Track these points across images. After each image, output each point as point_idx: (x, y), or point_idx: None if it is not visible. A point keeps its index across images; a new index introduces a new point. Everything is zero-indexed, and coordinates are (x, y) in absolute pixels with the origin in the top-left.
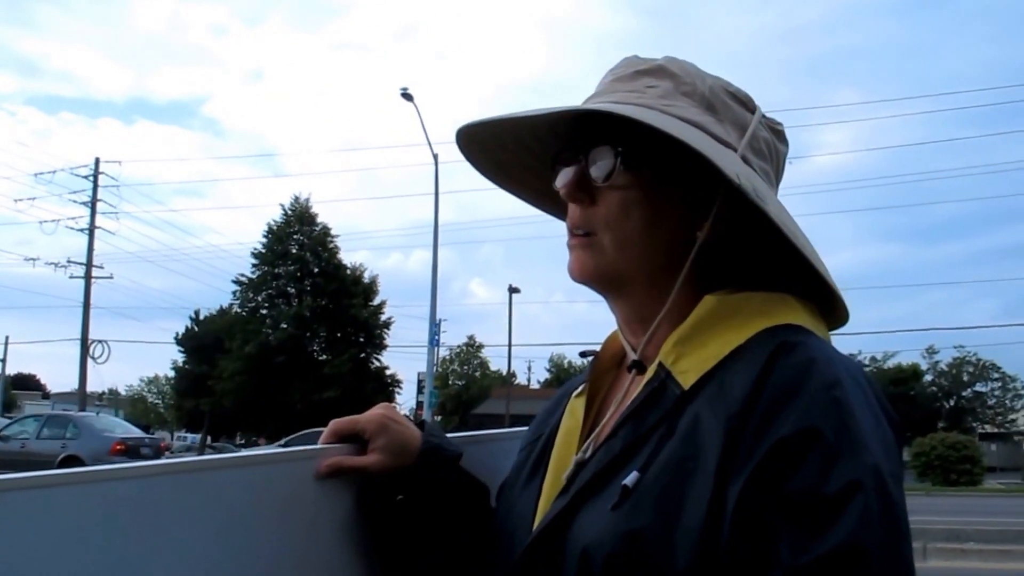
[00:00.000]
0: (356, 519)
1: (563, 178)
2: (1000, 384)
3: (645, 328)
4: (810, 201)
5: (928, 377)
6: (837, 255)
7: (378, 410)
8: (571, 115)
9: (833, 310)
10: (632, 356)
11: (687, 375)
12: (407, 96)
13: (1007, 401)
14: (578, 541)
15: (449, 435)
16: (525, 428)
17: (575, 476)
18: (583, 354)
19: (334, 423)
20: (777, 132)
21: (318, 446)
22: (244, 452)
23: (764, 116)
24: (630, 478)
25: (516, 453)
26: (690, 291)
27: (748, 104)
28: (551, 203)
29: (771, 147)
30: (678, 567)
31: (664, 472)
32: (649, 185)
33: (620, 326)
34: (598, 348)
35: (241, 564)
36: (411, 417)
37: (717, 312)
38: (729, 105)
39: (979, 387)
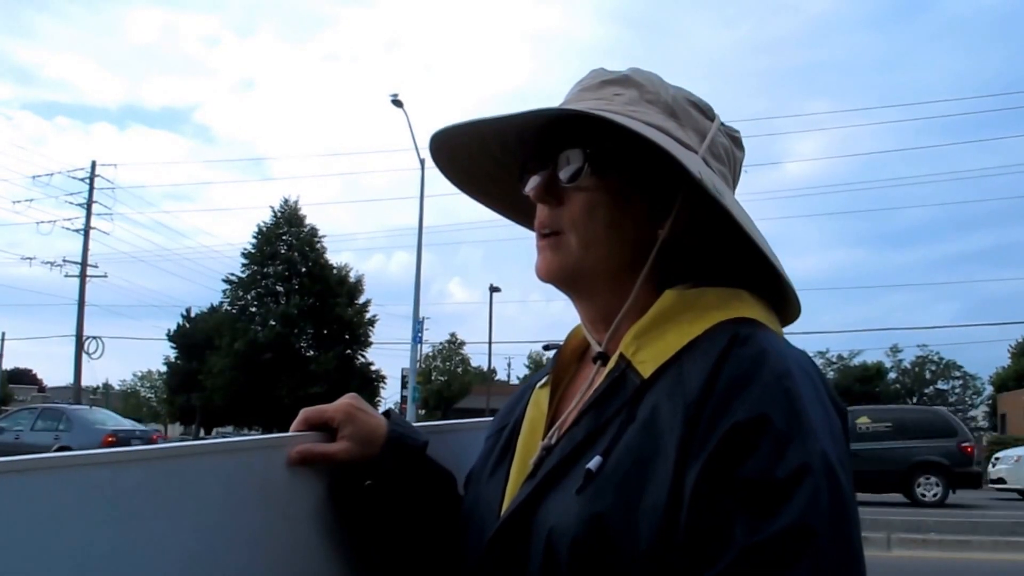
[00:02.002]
0: (326, 505)
1: (532, 181)
2: (961, 382)
3: (608, 324)
4: (782, 206)
5: (892, 375)
6: (807, 258)
7: (346, 400)
8: (539, 122)
9: (787, 304)
10: (596, 348)
11: (646, 365)
12: (397, 103)
13: (967, 399)
14: (545, 524)
15: (415, 424)
16: (490, 419)
17: (541, 462)
18: (546, 347)
19: (304, 412)
20: (734, 139)
21: (288, 434)
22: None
23: (722, 124)
24: (593, 463)
25: (482, 443)
26: (652, 287)
27: (708, 113)
28: (513, 210)
29: (729, 152)
30: (640, 547)
31: (625, 457)
32: (614, 186)
33: (584, 323)
34: (561, 342)
35: (214, 549)
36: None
37: (675, 306)
38: (690, 113)
39: (941, 385)
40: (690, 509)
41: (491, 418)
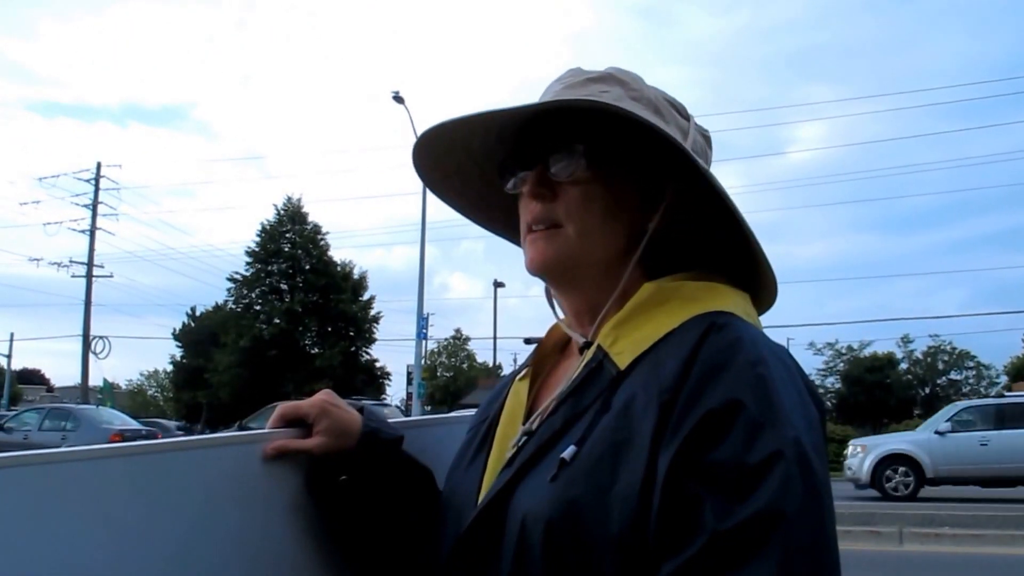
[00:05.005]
0: (303, 499)
1: (520, 178)
2: (975, 372)
3: (595, 316)
4: (787, 195)
5: (903, 365)
6: (812, 247)
7: (320, 396)
8: (521, 120)
9: (766, 292)
10: (581, 340)
11: (623, 356)
12: (398, 99)
13: (981, 389)
14: (519, 510)
15: (393, 420)
16: (468, 412)
17: (520, 448)
18: (527, 341)
19: (280, 408)
20: (707, 138)
21: (265, 430)
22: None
23: (696, 123)
24: (567, 451)
25: (459, 437)
26: (641, 279)
27: (683, 112)
28: (477, 212)
29: (703, 151)
30: (612, 533)
31: (599, 445)
32: (608, 179)
33: (569, 315)
34: (542, 337)
35: (194, 542)
36: (401, 408)
37: (653, 299)
38: (671, 111)
39: (954, 375)
40: (662, 494)
41: (470, 411)
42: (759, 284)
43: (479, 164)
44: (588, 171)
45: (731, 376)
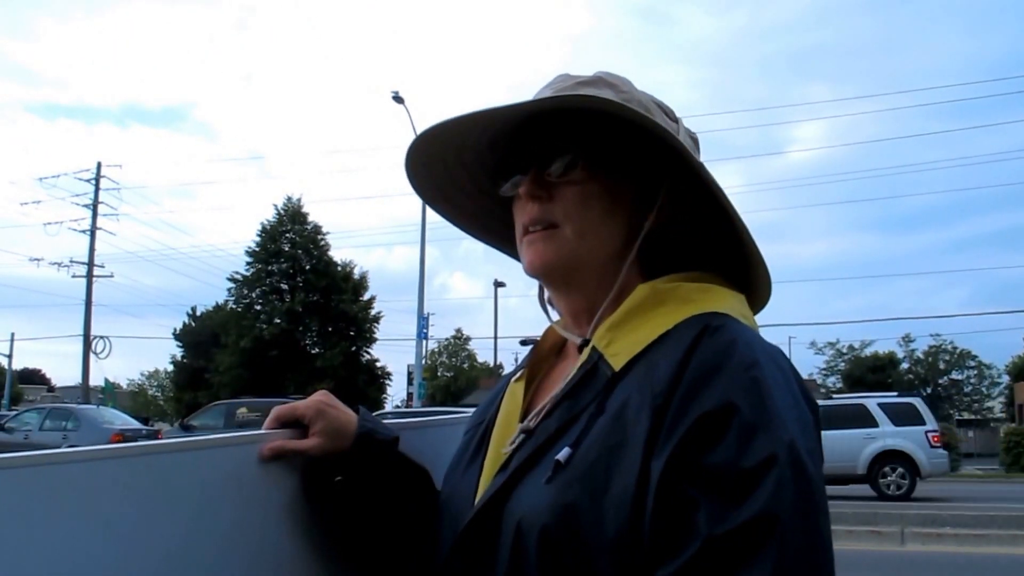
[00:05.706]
0: (299, 501)
1: (518, 180)
2: (976, 372)
3: (593, 317)
4: (787, 195)
5: (905, 365)
6: (813, 246)
7: (316, 396)
8: (515, 123)
9: (760, 289)
10: (577, 340)
11: (618, 358)
12: (398, 99)
13: (983, 388)
14: (514, 514)
15: (389, 421)
16: (464, 413)
17: (516, 448)
18: (524, 342)
19: (276, 410)
20: (695, 140)
21: (261, 431)
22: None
23: (684, 126)
24: (562, 454)
25: (457, 438)
26: (640, 279)
27: (671, 115)
28: (471, 221)
29: (692, 153)
30: (607, 536)
31: (594, 447)
32: (605, 178)
33: (566, 316)
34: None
35: (189, 544)
36: (402, 408)
37: (648, 300)
38: (660, 113)
39: (955, 375)
40: (656, 498)
41: (464, 412)
42: (753, 282)
43: (471, 173)
44: (585, 171)
45: (725, 379)
